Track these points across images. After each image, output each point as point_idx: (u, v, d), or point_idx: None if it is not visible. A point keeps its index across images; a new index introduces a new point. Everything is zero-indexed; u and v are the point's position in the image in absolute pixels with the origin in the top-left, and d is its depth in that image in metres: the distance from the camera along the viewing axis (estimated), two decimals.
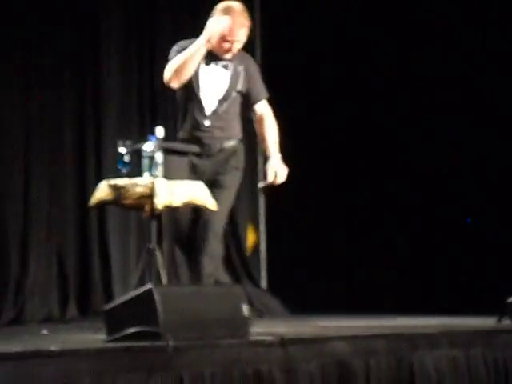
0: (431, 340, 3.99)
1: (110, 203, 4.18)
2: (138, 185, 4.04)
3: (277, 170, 4.42)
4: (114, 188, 4.08)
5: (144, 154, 4.06)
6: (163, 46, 5.21)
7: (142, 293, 3.45)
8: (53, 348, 3.01)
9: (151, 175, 4.05)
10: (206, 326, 3.48)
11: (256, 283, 6.74)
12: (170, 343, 3.23)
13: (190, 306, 3.48)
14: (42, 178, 5.65)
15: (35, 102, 5.64)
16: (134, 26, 6.19)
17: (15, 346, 3.08)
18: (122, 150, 4.13)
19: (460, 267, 6.38)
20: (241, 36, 4.36)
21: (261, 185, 4.51)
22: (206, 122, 4.36)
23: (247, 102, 4.49)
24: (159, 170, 4.06)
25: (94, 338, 3.72)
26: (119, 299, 3.60)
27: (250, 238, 6.99)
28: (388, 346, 3.82)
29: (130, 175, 4.11)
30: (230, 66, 4.43)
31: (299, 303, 6.36)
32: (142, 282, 4.28)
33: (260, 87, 4.54)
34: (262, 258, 7.03)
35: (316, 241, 6.83)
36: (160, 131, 4.14)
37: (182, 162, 4.22)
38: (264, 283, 6.97)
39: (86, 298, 5.72)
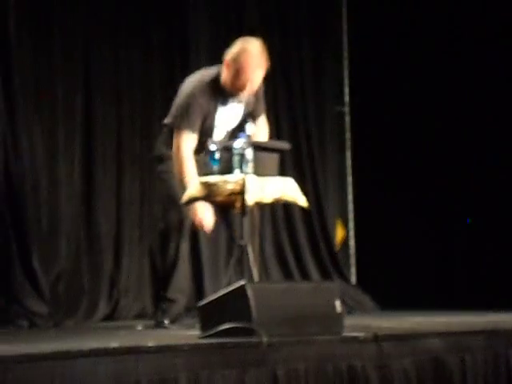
0: None
1: (202, 200, 4.21)
2: (228, 182, 4.06)
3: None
4: (206, 185, 4.11)
5: (234, 151, 4.07)
6: None
7: (235, 289, 3.48)
8: (150, 344, 3.05)
9: (242, 172, 4.06)
10: (299, 322, 3.49)
11: (346, 279, 6.71)
12: (264, 339, 3.24)
13: (283, 302, 3.49)
14: (134, 178, 5.72)
15: (126, 102, 5.72)
16: (224, 28, 6.21)
17: (113, 342, 3.13)
18: (213, 147, 4.15)
19: None
20: (255, 77, 4.34)
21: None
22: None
23: (248, 115, 4.53)
24: (249, 167, 4.07)
25: (189, 334, 3.76)
26: (212, 296, 3.63)
27: (339, 234, 6.97)
28: (484, 343, 3.77)
29: (221, 172, 4.13)
30: (244, 99, 4.44)
31: (389, 299, 6.31)
32: (233, 279, 4.31)
33: (261, 106, 4.58)
34: (351, 254, 7.00)
35: (405, 235, 6.77)
36: (250, 128, 4.16)
37: (273, 159, 4.23)
38: (353, 279, 6.94)
39: None
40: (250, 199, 4.02)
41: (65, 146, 5.42)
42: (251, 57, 4.33)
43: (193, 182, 4.22)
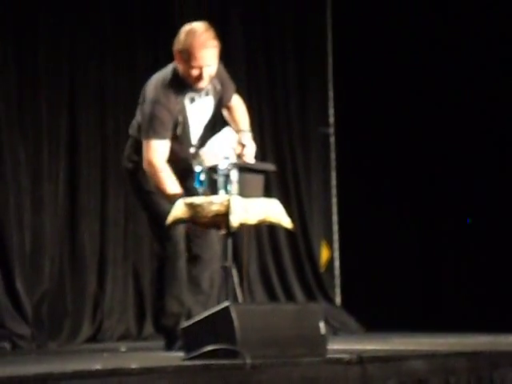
0: None
1: (187, 221, 4.20)
2: (213, 203, 4.05)
3: (245, 144, 4.32)
4: (191, 206, 4.10)
5: (219, 172, 4.08)
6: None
7: (220, 311, 3.47)
8: (133, 366, 3.04)
9: (227, 193, 4.06)
10: (283, 344, 3.48)
11: (330, 300, 6.71)
12: (248, 361, 3.23)
13: (267, 323, 3.48)
14: (118, 198, 5.71)
15: (111, 124, 5.72)
16: None
17: (95, 364, 3.11)
18: (198, 168, 4.15)
19: None
20: (208, 59, 4.22)
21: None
22: (193, 149, 4.36)
23: (220, 102, 4.44)
24: (234, 188, 4.07)
25: (172, 355, 3.75)
26: (196, 317, 3.62)
27: (324, 255, 6.97)
28: (468, 365, 3.76)
29: (206, 193, 4.13)
30: (211, 89, 4.37)
31: (374, 320, 6.31)
32: (218, 300, 4.30)
33: (230, 87, 4.47)
34: (336, 275, 7.00)
35: (390, 256, 6.78)
36: (228, 131, 4.17)
37: (257, 180, 4.23)
38: (338, 300, 6.94)
39: None
40: (235, 220, 4.02)
41: (49, 167, 5.40)
42: (197, 36, 4.21)
43: (176, 192, 4.16)
